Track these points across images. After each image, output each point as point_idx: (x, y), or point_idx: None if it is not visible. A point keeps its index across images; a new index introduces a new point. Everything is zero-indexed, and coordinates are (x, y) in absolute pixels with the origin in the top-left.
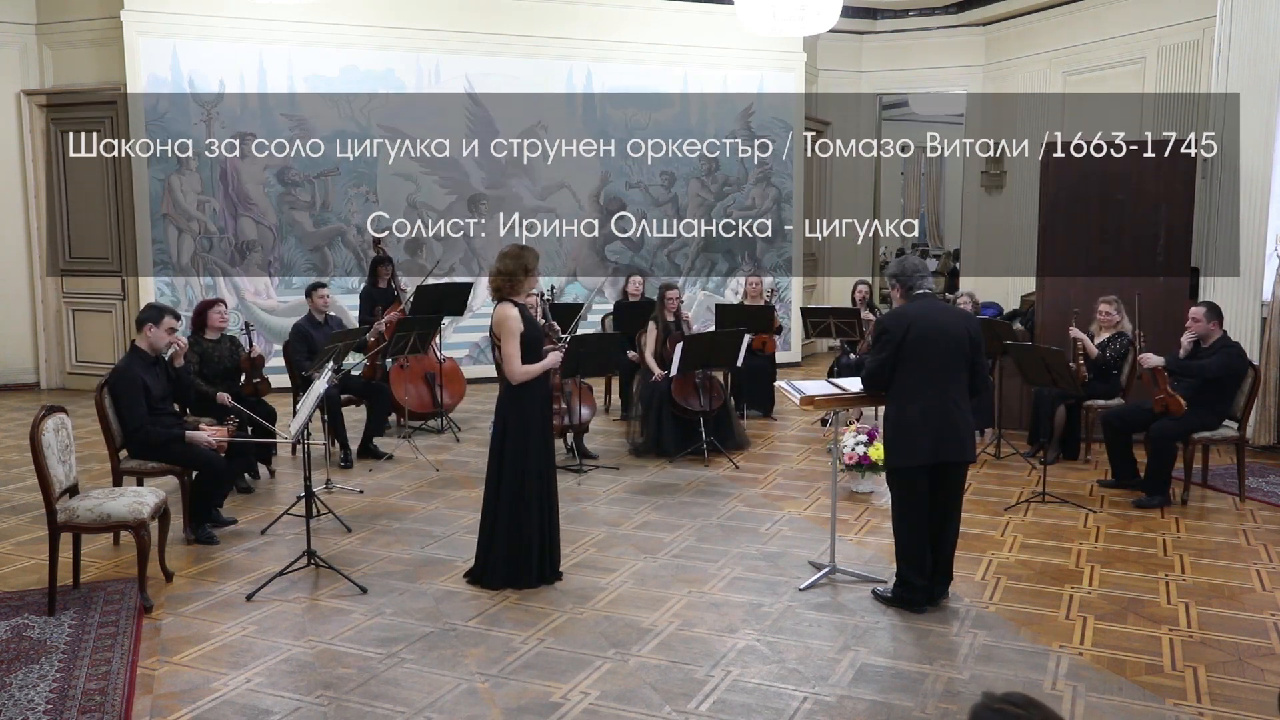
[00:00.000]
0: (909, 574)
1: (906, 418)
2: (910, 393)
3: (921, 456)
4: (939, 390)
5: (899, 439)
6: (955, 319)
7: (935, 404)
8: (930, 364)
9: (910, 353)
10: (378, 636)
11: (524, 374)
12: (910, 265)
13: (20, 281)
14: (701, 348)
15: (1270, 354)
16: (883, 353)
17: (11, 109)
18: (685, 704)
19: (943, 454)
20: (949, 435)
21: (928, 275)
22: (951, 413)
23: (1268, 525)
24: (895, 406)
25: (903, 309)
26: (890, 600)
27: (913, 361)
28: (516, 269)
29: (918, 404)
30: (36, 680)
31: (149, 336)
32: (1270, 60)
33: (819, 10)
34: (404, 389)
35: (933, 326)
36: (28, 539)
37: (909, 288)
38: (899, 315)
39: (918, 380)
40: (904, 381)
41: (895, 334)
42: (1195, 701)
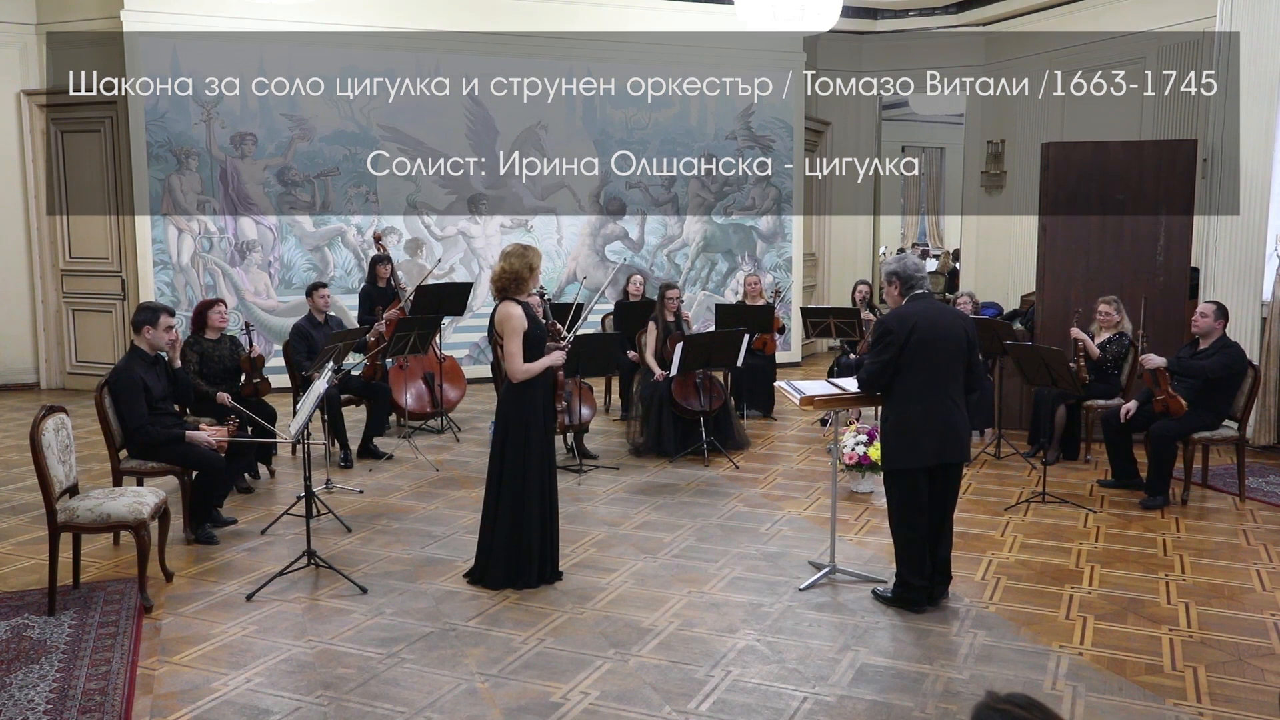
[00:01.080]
0: (909, 575)
1: (910, 419)
2: (913, 394)
3: (926, 458)
4: (940, 391)
5: (902, 440)
6: (953, 319)
7: (938, 405)
8: (932, 365)
9: (913, 354)
10: (378, 636)
11: (525, 372)
12: (911, 264)
13: (20, 281)
14: (701, 348)
15: (1270, 354)
16: (885, 354)
17: (11, 109)
18: (685, 704)
19: (946, 454)
20: (950, 435)
21: (926, 276)
22: (952, 413)
23: (1268, 525)
24: (897, 408)
25: (904, 310)
26: (890, 600)
27: (915, 363)
28: (521, 267)
29: (920, 405)
30: (36, 680)
31: (149, 338)
32: (1270, 60)
33: (819, 10)
34: (404, 389)
35: (933, 327)
36: (28, 539)
37: (909, 287)
38: (902, 316)
39: (920, 381)
40: (906, 383)
41: (899, 335)
42: (1195, 701)
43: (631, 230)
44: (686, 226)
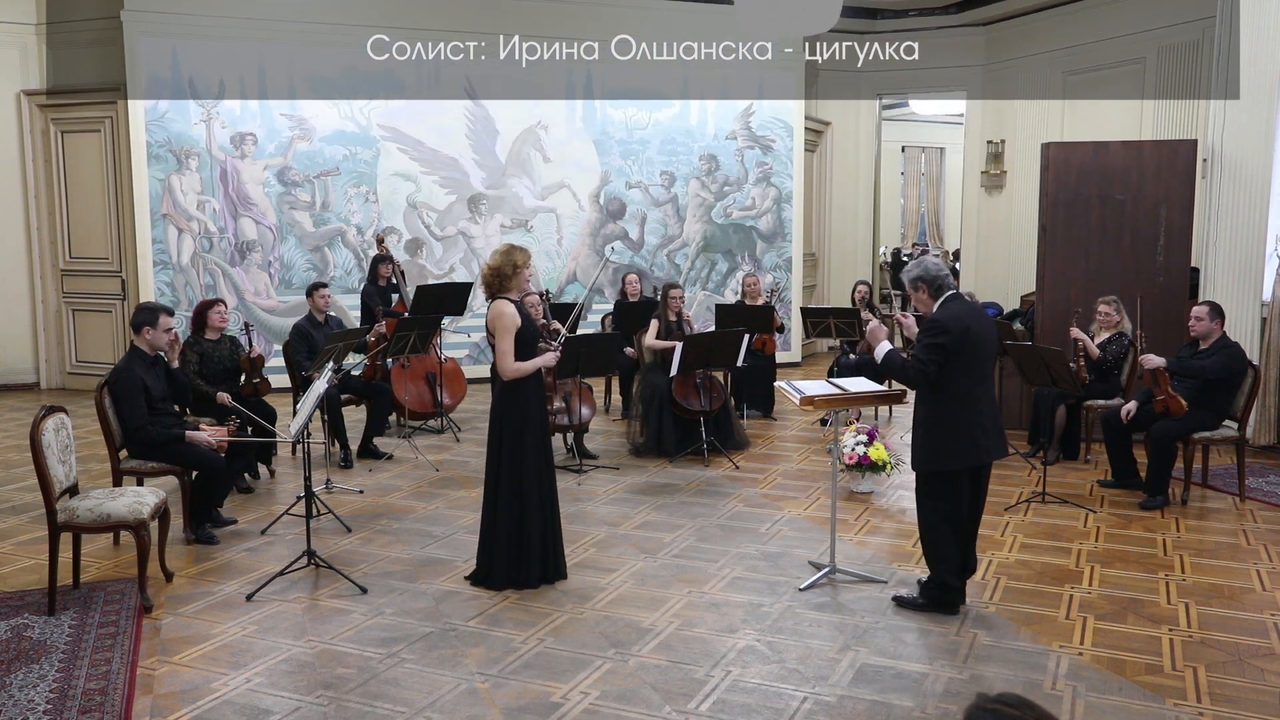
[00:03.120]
0: (948, 576)
1: (967, 418)
2: (965, 393)
3: (982, 455)
4: (988, 390)
5: (954, 441)
6: (988, 319)
7: (989, 402)
8: (981, 365)
9: (967, 355)
10: (378, 636)
11: (515, 371)
12: (934, 266)
13: (20, 281)
14: (701, 348)
15: (1270, 354)
16: (940, 354)
17: (11, 109)
18: (685, 704)
19: (996, 452)
20: (1000, 432)
21: (949, 275)
22: (997, 411)
23: (1268, 525)
24: (951, 407)
25: (955, 310)
26: (924, 606)
27: (967, 362)
28: (505, 265)
29: (976, 403)
30: (36, 680)
31: (149, 338)
32: (1270, 60)
33: (819, 10)
34: (404, 389)
35: (982, 328)
36: (28, 539)
37: (938, 288)
38: (956, 317)
39: (972, 380)
40: (958, 382)
41: (956, 335)
42: (1195, 701)
43: (631, 230)
44: (686, 226)
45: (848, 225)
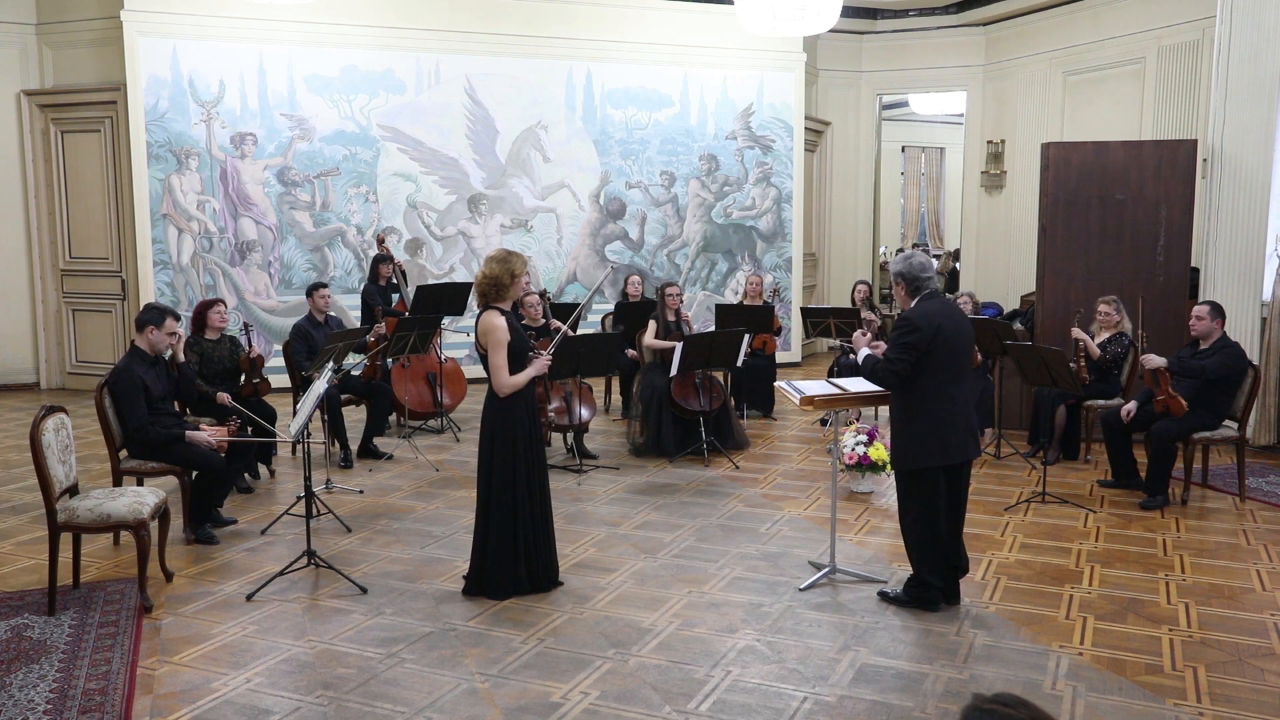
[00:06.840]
0: (928, 575)
1: (939, 416)
2: (938, 391)
3: (954, 454)
4: (961, 388)
5: (929, 438)
6: (963, 317)
7: (962, 401)
8: (954, 363)
9: (939, 352)
10: (378, 636)
11: (511, 386)
12: (917, 264)
13: (20, 281)
14: (701, 348)
15: (1270, 354)
16: (910, 353)
17: (11, 109)
18: (685, 704)
19: (970, 450)
20: (972, 431)
21: (934, 273)
22: (970, 410)
23: (1268, 525)
24: (922, 406)
25: (927, 308)
26: (905, 602)
27: (941, 361)
28: (502, 273)
29: (948, 402)
30: (36, 680)
31: (150, 338)
32: (1270, 60)
33: (819, 10)
34: (404, 389)
35: (955, 326)
36: (28, 539)
37: (916, 288)
38: (928, 314)
39: (944, 379)
40: (931, 380)
41: (926, 334)
42: (1195, 701)
43: (631, 230)
44: (686, 226)
45: (848, 225)
